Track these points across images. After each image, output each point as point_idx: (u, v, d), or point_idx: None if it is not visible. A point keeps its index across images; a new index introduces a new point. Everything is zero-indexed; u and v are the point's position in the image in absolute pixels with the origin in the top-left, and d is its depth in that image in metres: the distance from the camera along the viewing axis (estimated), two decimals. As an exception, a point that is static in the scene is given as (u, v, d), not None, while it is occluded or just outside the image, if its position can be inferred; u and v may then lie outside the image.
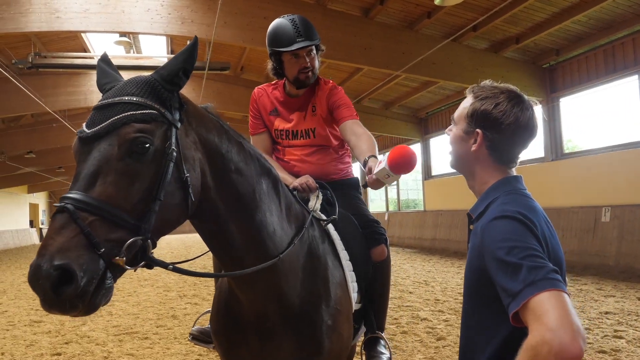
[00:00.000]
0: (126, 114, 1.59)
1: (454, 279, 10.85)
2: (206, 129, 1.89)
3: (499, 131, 1.63)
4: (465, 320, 1.69)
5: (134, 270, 1.60)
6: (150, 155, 1.60)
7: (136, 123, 1.59)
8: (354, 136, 2.87)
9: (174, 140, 1.67)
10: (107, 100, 1.65)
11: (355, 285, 2.57)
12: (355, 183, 3.34)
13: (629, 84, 11.47)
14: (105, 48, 14.50)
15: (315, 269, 2.34)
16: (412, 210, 22.16)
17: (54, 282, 1.36)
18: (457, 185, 15.82)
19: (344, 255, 2.57)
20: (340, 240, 2.62)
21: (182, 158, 1.70)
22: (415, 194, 22.93)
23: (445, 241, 17.08)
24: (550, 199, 12.83)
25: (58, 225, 1.44)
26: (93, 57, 13.69)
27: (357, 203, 3.10)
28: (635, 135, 11.24)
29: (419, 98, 17.70)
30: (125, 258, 1.49)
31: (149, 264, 1.63)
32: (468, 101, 1.73)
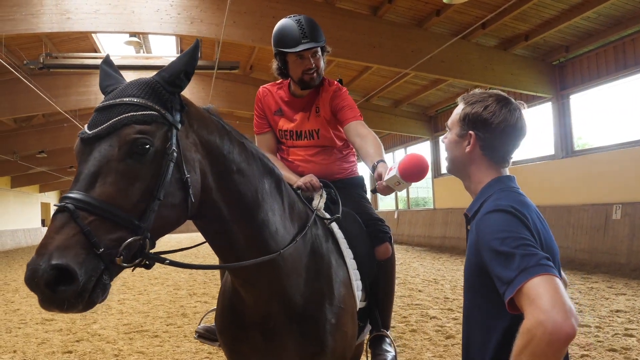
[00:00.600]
0: (127, 115, 1.62)
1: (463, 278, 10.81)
2: (207, 131, 1.91)
3: (490, 130, 1.73)
4: (466, 315, 1.76)
5: (132, 270, 1.62)
6: (151, 156, 1.62)
7: (137, 124, 1.61)
8: (359, 138, 2.87)
9: (174, 141, 1.69)
10: (109, 102, 1.67)
11: (359, 283, 2.58)
12: (359, 182, 3.34)
13: (640, 81, 11.36)
14: (115, 48, 14.61)
15: (319, 268, 2.35)
16: (422, 208, 22.12)
17: (51, 281, 1.38)
18: (467, 183, 15.76)
19: (347, 253, 2.57)
20: (344, 238, 2.63)
21: (183, 159, 1.72)
22: (425, 192, 22.87)
23: (455, 239, 17.03)
24: (561, 196, 12.77)
25: (58, 224, 1.46)
26: (103, 57, 13.75)
27: (361, 201, 3.10)
28: (646, 132, 11.14)
29: (429, 96, 17.67)
30: (122, 257, 1.51)
31: (147, 264, 1.64)
32: (460, 107, 1.85)
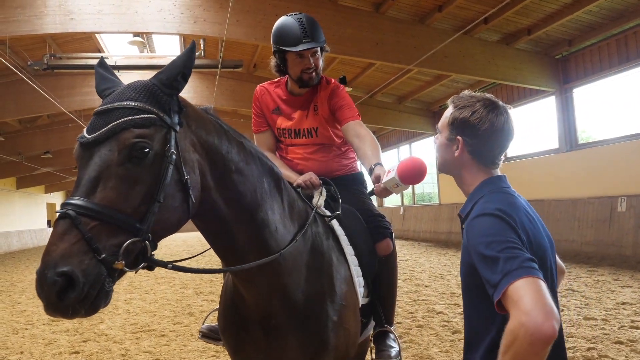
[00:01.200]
0: (125, 119, 1.62)
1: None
2: (206, 131, 1.92)
3: (477, 136, 1.78)
4: (466, 313, 1.81)
5: (135, 272, 1.64)
6: (150, 160, 1.63)
7: (135, 128, 1.62)
8: (357, 138, 2.89)
9: (173, 143, 1.69)
10: (107, 106, 1.68)
11: (361, 280, 2.59)
12: (359, 178, 3.34)
13: (643, 73, 11.32)
14: (119, 48, 14.65)
15: (320, 265, 2.36)
16: (428, 203, 22.12)
17: (59, 289, 1.41)
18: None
19: (348, 250, 2.58)
20: (345, 235, 2.64)
21: (182, 161, 1.73)
22: (431, 187, 22.85)
23: (461, 234, 16.97)
24: (566, 190, 12.75)
25: (60, 232, 1.48)
26: (107, 58, 13.82)
27: (362, 198, 3.10)
28: (650, 124, 11.11)
29: (432, 92, 17.64)
30: (124, 261, 1.53)
31: (149, 266, 1.66)
32: (449, 111, 1.87)
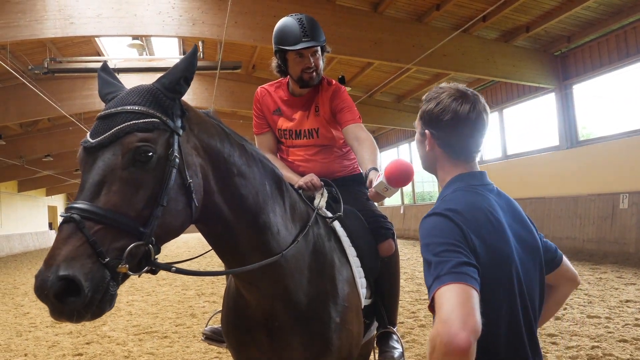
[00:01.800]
0: (129, 123, 1.63)
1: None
2: (208, 135, 1.92)
3: (442, 128, 1.69)
4: None
5: (138, 276, 1.64)
6: (154, 163, 1.64)
7: (139, 132, 1.63)
8: (357, 141, 2.89)
9: (176, 147, 1.70)
10: (110, 110, 1.68)
11: (363, 281, 2.58)
12: (361, 179, 3.31)
13: (642, 69, 11.32)
14: (118, 51, 14.66)
15: (322, 267, 2.36)
16: (428, 202, 22.12)
17: (59, 292, 1.41)
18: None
19: (351, 251, 2.58)
20: (347, 236, 2.64)
21: (185, 164, 1.73)
22: (431, 186, 22.90)
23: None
24: (567, 187, 12.75)
25: (64, 235, 1.48)
26: (107, 61, 13.82)
27: (363, 199, 3.09)
28: (650, 120, 11.11)
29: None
30: (127, 265, 1.53)
31: (153, 270, 1.67)
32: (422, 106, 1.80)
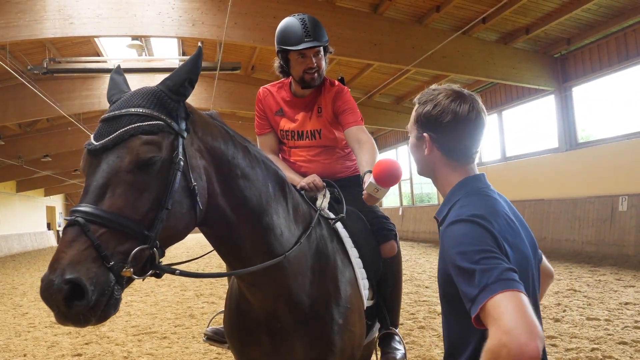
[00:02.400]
0: (133, 125, 1.62)
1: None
2: (212, 137, 1.92)
3: (442, 130, 1.65)
4: (444, 323, 1.69)
5: (143, 280, 1.63)
6: (158, 166, 1.63)
7: (143, 134, 1.62)
8: (357, 144, 2.90)
9: (180, 149, 1.69)
10: (114, 112, 1.67)
11: (366, 282, 2.59)
12: None
13: (642, 71, 11.32)
14: (117, 52, 14.67)
15: (324, 268, 2.36)
16: (427, 204, 22.11)
17: (65, 296, 1.40)
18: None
19: (353, 252, 2.58)
20: (349, 237, 2.64)
21: (189, 167, 1.73)
22: (429, 187, 22.87)
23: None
24: (566, 189, 12.76)
25: (69, 239, 1.48)
26: (106, 61, 13.87)
27: None
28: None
29: (431, 92, 17.61)
30: (132, 268, 1.53)
31: (157, 273, 1.66)
32: (415, 108, 1.76)
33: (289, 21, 2.93)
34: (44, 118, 18.59)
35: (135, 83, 1.93)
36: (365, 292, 2.56)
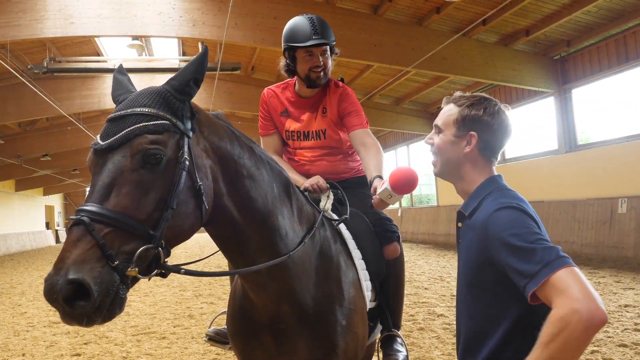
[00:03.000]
0: (139, 125, 1.63)
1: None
2: (218, 137, 1.92)
3: (491, 131, 1.81)
4: (466, 312, 1.79)
5: (148, 280, 1.63)
6: (164, 166, 1.63)
7: (149, 134, 1.62)
8: (363, 147, 2.91)
9: (186, 149, 1.70)
10: (120, 112, 1.68)
11: (368, 284, 2.59)
12: (366, 181, 3.33)
13: (642, 74, 11.34)
14: (118, 51, 14.67)
15: (328, 269, 2.36)
16: (426, 205, 22.13)
17: (69, 296, 1.40)
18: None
19: (356, 254, 2.58)
20: (353, 239, 2.64)
21: (195, 167, 1.73)
22: (429, 189, 22.88)
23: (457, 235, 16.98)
24: (565, 191, 12.77)
25: (74, 238, 1.48)
26: (107, 61, 13.86)
27: (369, 201, 3.09)
28: (649, 125, 11.12)
29: (430, 93, 17.66)
30: (137, 268, 1.53)
31: (162, 273, 1.66)
32: (452, 109, 1.88)
33: (298, 20, 2.95)
34: (43, 117, 18.59)
35: (135, 83, 1.92)
36: (368, 294, 2.55)
